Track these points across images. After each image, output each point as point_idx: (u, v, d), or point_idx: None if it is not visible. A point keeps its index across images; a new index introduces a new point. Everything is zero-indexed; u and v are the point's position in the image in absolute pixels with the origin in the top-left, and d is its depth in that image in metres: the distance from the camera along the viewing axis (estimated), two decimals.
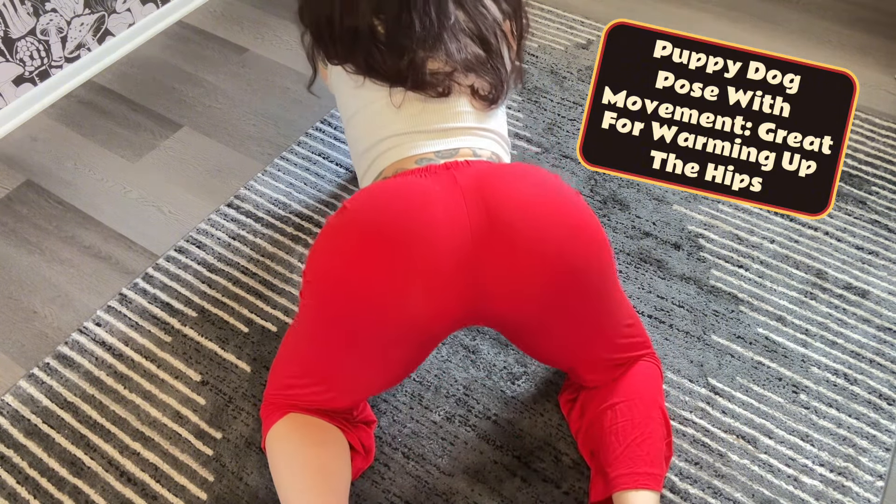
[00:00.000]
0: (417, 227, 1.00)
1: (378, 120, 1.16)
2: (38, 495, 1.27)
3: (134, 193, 1.76)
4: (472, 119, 1.17)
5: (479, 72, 1.17)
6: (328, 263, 1.04)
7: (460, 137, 1.15)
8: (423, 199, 1.02)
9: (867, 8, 2.23)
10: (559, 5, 2.25)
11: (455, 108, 1.16)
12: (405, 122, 1.14)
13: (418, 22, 1.11)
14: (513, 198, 1.03)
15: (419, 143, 1.13)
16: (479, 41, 1.17)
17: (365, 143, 1.19)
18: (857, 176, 1.76)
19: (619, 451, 1.12)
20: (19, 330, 1.51)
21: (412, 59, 1.12)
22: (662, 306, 1.51)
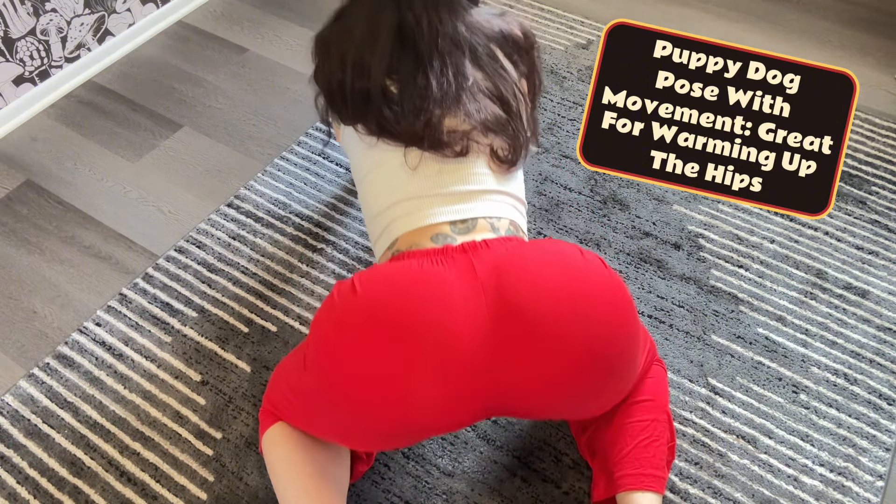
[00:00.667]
0: (435, 326, 0.92)
1: (392, 181, 1.10)
2: (38, 495, 1.27)
3: (134, 193, 1.76)
4: (490, 181, 1.10)
5: (498, 133, 1.11)
6: (336, 352, 0.96)
7: (477, 203, 1.08)
8: (441, 295, 0.94)
9: (867, 8, 2.23)
10: (559, 5, 2.25)
11: (473, 168, 1.10)
12: (420, 183, 1.08)
13: (435, 83, 1.07)
14: (535, 291, 0.95)
15: (435, 210, 1.06)
16: (499, 102, 1.12)
17: (378, 206, 1.12)
18: (857, 176, 1.76)
19: (626, 451, 1.12)
20: (19, 330, 1.51)
21: (429, 120, 1.07)
22: (662, 306, 1.51)
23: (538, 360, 0.93)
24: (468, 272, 0.96)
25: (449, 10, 1.11)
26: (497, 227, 1.06)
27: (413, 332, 0.92)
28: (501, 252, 0.99)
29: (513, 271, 0.96)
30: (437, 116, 1.07)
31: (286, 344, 1.46)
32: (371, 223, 1.16)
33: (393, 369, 0.93)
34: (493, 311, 0.94)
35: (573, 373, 0.95)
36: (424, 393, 0.93)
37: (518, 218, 1.13)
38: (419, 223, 1.06)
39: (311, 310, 1.51)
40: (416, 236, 1.05)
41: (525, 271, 0.96)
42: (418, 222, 1.06)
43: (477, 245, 1.00)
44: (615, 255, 1.60)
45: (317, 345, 0.99)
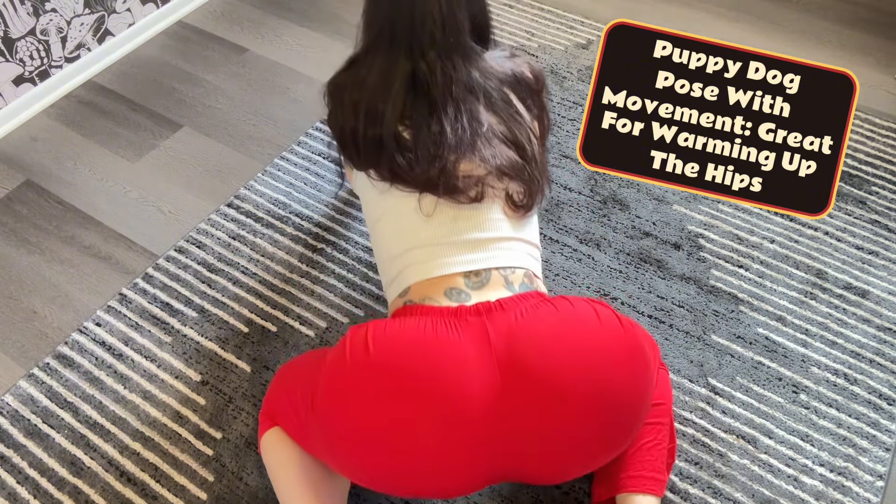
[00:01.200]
0: (446, 393, 0.92)
1: (405, 227, 1.09)
2: (38, 495, 1.27)
3: (134, 193, 1.76)
4: (505, 228, 1.09)
5: (513, 177, 1.09)
6: (344, 409, 0.95)
7: (492, 252, 1.06)
8: (453, 362, 0.93)
9: (867, 8, 2.23)
10: (559, 5, 2.25)
11: (488, 214, 1.08)
12: (435, 230, 1.07)
13: (450, 130, 1.06)
14: (546, 359, 0.93)
15: (449, 260, 1.04)
16: (514, 146, 1.10)
17: (391, 252, 1.11)
18: (857, 176, 1.76)
19: (628, 453, 1.12)
20: (19, 330, 1.51)
21: (444, 166, 1.05)
22: (662, 306, 1.51)
23: (548, 422, 0.93)
24: (481, 338, 0.95)
25: (462, 57, 1.10)
26: (511, 281, 1.05)
27: (423, 397, 0.92)
28: (515, 316, 0.97)
29: (524, 335, 0.95)
30: (452, 162, 1.06)
31: (286, 344, 1.46)
32: (384, 268, 1.14)
33: (401, 434, 0.92)
34: (505, 379, 0.93)
35: (583, 435, 0.94)
36: (431, 458, 0.92)
37: (533, 265, 1.11)
38: (433, 273, 1.04)
39: (311, 309, 1.51)
40: (430, 288, 1.04)
41: (537, 335, 0.95)
42: (432, 272, 1.05)
43: (491, 307, 0.98)
44: (615, 255, 1.60)
45: (326, 397, 0.97)
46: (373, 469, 0.95)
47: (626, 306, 1.51)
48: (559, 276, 1.56)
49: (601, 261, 1.59)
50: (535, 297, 1.03)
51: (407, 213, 1.09)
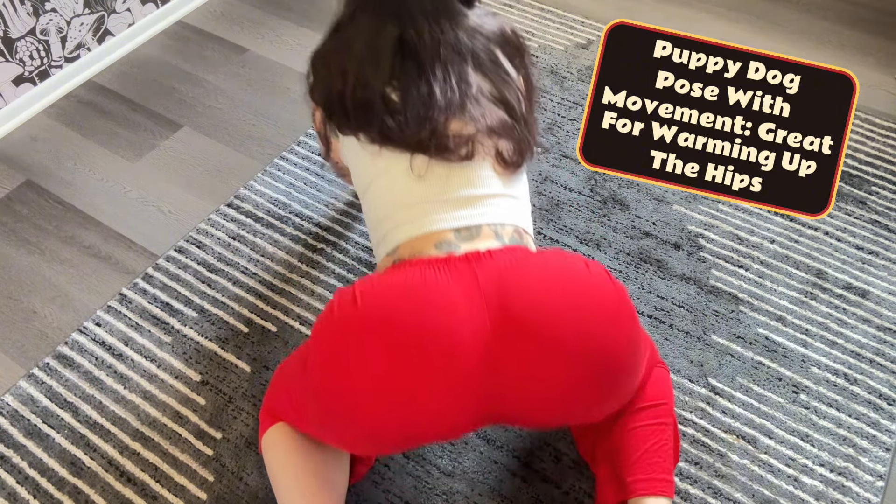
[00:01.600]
0: (436, 336, 0.92)
1: (398, 187, 1.09)
2: (38, 495, 1.27)
3: (134, 193, 1.76)
4: (495, 185, 1.09)
5: (503, 136, 1.10)
6: (336, 363, 0.95)
7: (482, 208, 1.06)
8: (443, 305, 0.93)
9: (867, 8, 2.23)
10: (559, 5, 2.25)
11: (479, 172, 1.08)
12: (426, 189, 1.07)
13: (439, 92, 1.06)
14: (537, 304, 0.94)
15: (438, 217, 1.05)
16: (503, 106, 1.12)
17: (381, 212, 1.11)
18: (857, 176, 1.76)
19: (636, 456, 1.11)
20: (19, 330, 1.51)
21: (434, 128, 1.05)
22: (662, 306, 1.51)
23: (538, 372, 0.93)
24: (471, 282, 0.95)
25: (449, 19, 1.10)
26: (501, 234, 1.05)
27: (414, 343, 0.92)
28: (505, 263, 0.98)
29: (515, 283, 0.95)
30: (442, 123, 1.06)
31: (286, 344, 1.46)
32: (374, 230, 1.14)
33: (394, 381, 0.92)
34: (495, 322, 0.93)
35: (573, 384, 0.95)
36: (425, 403, 0.93)
37: (523, 221, 1.12)
38: (422, 230, 1.04)
39: (311, 309, 1.51)
40: (419, 244, 1.04)
41: (527, 283, 0.96)
42: (421, 229, 1.05)
43: (480, 255, 0.98)
44: (615, 255, 1.60)
45: (317, 355, 0.98)
46: (366, 423, 0.95)
47: None
48: None
49: (601, 261, 1.59)
50: (525, 249, 1.03)
51: (399, 173, 1.09)
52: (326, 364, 0.96)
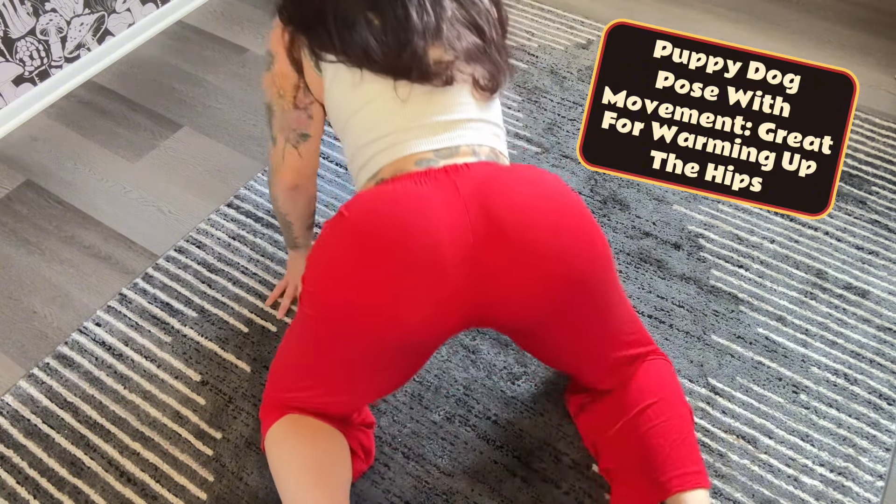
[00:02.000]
0: (420, 238, 0.98)
1: (381, 114, 1.12)
2: (38, 495, 1.27)
3: (134, 193, 1.76)
4: (472, 110, 1.14)
5: (478, 61, 1.14)
6: (329, 274, 1.02)
7: (460, 132, 1.12)
8: (425, 210, 1.00)
9: (867, 8, 2.23)
10: (559, 5, 2.25)
11: (457, 98, 1.13)
12: (408, 115, 1.11)
13: (415, 14, 1.09)
14: (514, 206, 1.01)
15: (419, 140, 1.09)
16: (475, 30, 1.15)
17: (364, 139, 1.13)
18: (857, 176, 1.76)
19: (664, 453, 1.11)
20: (19, 330, 1.51)
21: (414, 51, 1.09)
22: (662, 306, 1.51)
23: (517, 271, 1.00)
24: (451, 190, 1.02)
25: None
26: (478, 153, 1.10)
27: (402, 245, 0.98)
28: (482, 173, 1.05)
29: (493, 189, 1.02)
30: (422, 48, 1.09)
31: None
32: (355, 157, 1.17)
33: (386, 281, 0.98)
34: (476, 226, 1.00)
35: (549, 282, 1.02)
36: (416, 300, 0.99)
37: (498, 144, 1.17)
38: (403, 153, 1.09)
39: None
40: (400, 164, 1.08)
41: (505, 190, 1.03)
42: (403, 152, 1.09)
43: (458, 167, 1.05)
44: (615, 255, 1.60)
45: (314, 272, 1.04)
46: (362, 332, 1.01)
47: None
48: None
49: None
50: (500, 164, 1.11)
51: (382, 102, 1.12)
52: (324, 273, 1.02)
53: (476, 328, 1.46)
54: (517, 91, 1.97)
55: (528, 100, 1.95)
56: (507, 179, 1.05)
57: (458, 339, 1.45)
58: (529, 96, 1.96)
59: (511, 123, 1.89)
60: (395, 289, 0.99)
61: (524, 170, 1.09)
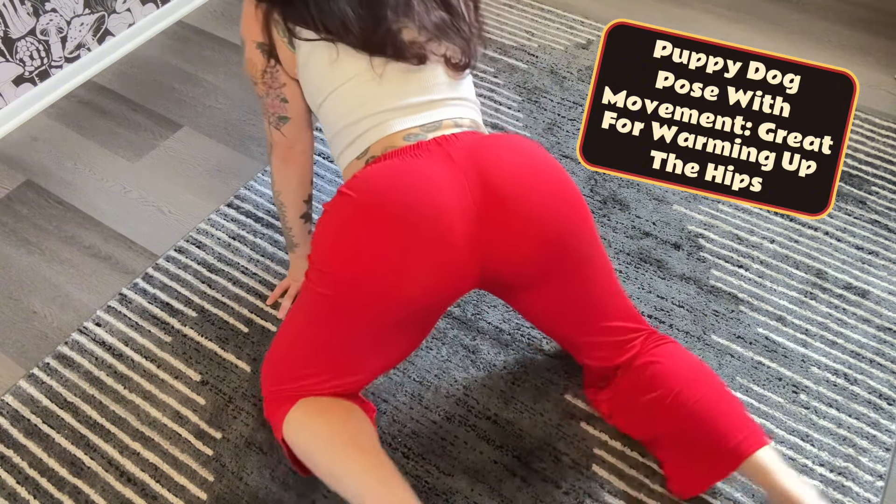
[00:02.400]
0: (427, 210, 1.04)
1: (361, 93, 1.15)
2: (38, 495, 1.27)
3: (134, 193, 1.76)
4: (447, 89, 1.18)
5: (447, 37, 1.16)
6: (341, 251, 1.06)
7: (440, 109, 1.16)
8: (426, 181, 1.05)
9: (867, 8, 2.23)
10: (559, 5, 2.25)
11: (434, 80, 1.17)
12: (388, 94, 1.14)
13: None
14: (506, 169, 1.08)
15: (404, 119, 1.13)
16: (442, 4, 1.17)
17: (347, 119, 1.16)
18: (857, 176, 1.76)
19: (723, 420, 1.13)
20: (19, 330, 1.51)
21: (388, 28, 1.11)
22: (662, 306, 1.51)
23: (516, 231, 1.07)
24: (445, 159, 1.07)
25: None
26: (461, 124, 1.16)
27: (411, 218, 1.03)
28: (471, 141, 1.11)
29: (485, 156, 1.09)
30: (397, 27, 1.11)
31: None
32: (338, 136, 1.19)
33: (400, 254, 1.04)
34: (475, 192, 1.06)
35: (544, 239, 1.09)
36: (430, 268, 1.05)
37: (476, 116, 1.22)
38: (390, 130, 1.13)
39: None
40: (389, 140, 1.12)
41: (495, 153, 1.10)
42: (389, 130, 1.13)
43: (447, 137, 1.11)
44: (615, 255, 1.60)
45: (325, 251, 1.08)
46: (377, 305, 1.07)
47: None
48: None
49: None
50: (483, 133, 1.18)
51: (361, 79, 1.14)
52: (332, 250, 1.07)
53: (476, 329, 1.46)
54: (517, 91, 1.98)
55: (528, 100, 1.95)
56: (495, 146, 1.11)
57: (458, 338, 1.45)
58: (529, 96, 1.96)
59: (511, 123, 1.89)
60: (408, 260, 1.04)
61: (509, 138, 1.16)
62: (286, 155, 1.30)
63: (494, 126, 1.88)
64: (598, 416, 1.34)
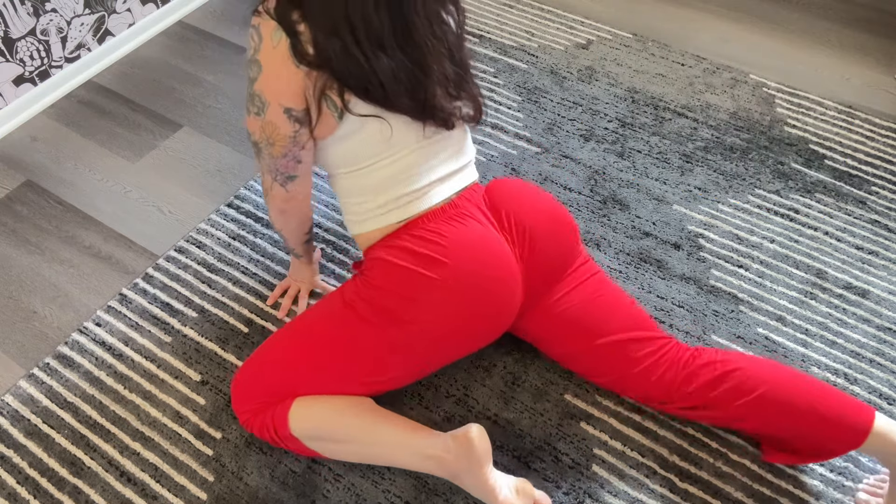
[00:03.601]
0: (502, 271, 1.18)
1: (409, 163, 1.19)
2: (38, 495, 1.27)
3: (134, 193, 1.76)
4: (469, 150, 1.28)
5: (461, 93, 1.18)
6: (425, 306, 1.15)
7: (467, 171, 1.27)
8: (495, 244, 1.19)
9: (867, 8, 2.23)
10: (559, 5, 2.25)
11: (458, 142, 1.25)
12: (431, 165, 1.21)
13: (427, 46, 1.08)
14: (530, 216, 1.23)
15: (442, 188, 1.22)
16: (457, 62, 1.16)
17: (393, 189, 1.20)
18: (857, 176, 1.76)
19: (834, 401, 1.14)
20: (19, 330, 1.51)
21: (428, 92, 1.12)
22: (662, 306, 1.51)
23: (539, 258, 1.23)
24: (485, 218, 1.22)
25: None
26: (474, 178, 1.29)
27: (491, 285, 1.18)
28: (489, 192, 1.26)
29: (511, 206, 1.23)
30: (431, 92, 1.12)
31: None
32: (369, 202, 1.21)
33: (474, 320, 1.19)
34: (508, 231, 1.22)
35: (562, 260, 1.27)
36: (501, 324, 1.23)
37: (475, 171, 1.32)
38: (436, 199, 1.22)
39: None
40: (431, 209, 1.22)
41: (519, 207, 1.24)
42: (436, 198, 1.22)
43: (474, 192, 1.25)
44: (615, 255, 1.60)
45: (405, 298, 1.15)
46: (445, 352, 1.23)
47: None
48: None
49: (601, 261, 1.59)
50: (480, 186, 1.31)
51: (409, 147, 1.18)
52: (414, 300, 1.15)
53: None
54: (517, 91, 1.97)
55: (528, 100, 1.95)
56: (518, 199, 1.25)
57: None
58: (529, 96, 1.96)
59: (511, 123, 1.89)
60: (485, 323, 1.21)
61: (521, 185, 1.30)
62: (284, 207, 1.26)
63: (494, 126, 1.88)
64: (597, 416, 1.34)
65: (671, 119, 1.89)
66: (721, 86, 1.98)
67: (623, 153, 1.81)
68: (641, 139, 1.84)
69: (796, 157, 1.80)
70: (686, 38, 2.14)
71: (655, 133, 1.86)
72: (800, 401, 1.15)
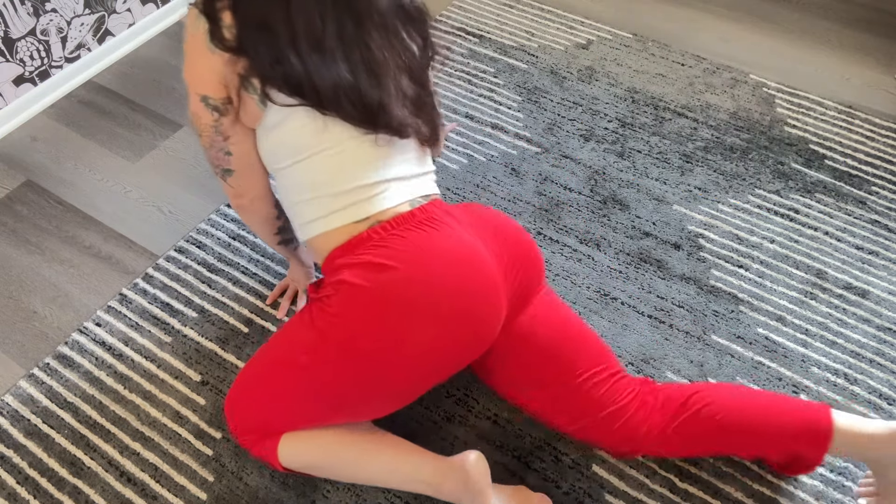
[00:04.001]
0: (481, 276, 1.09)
1: (352, 161, 1.10)
2: (38, 495, 1.27)
3: (134, 193, 1.76)
4: (427, 162, 1.22)
5: (418, 112, 1.15)
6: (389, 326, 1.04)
7: (425, 180, 1.19)
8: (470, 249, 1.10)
9: (867, 8, 2.23)
10: (559, 5, 2.25)
11: (414, 151, 1.18)
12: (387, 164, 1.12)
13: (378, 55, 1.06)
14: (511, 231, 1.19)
15: (402, 189, 1.14)
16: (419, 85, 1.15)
17: (340, 183, 1.10)
18: (857, 176, 1.76)
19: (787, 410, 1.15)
20: (19, 330, 1.51)
21: (381, 102, 1.07)
22: (662, 306, 1.51)
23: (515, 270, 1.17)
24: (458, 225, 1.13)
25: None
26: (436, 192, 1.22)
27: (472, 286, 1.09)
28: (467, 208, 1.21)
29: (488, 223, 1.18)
30: (387, 102, 1.08)
31: None
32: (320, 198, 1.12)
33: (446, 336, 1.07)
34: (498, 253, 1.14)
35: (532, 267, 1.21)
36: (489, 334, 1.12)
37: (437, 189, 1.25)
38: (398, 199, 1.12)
39: None
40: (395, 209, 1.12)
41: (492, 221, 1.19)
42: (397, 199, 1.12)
43: (445, 206, 1.17)
44: (615, 255, 1.60)
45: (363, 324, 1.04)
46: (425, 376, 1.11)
47: (626, 306, 1.51)
48: (559, 276, 1.56)
49: (601, 261, 1.59)
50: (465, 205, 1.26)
51: (354, 141, 1.10)
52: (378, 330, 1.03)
53: None
54: (517, 91, 1.98)
55: (528, 100, 1.95)
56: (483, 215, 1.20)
57: None
58: (529, 96, 1.96)
59: (511, 123, 1.89)
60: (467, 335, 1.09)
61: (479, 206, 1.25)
62: (238, 204, 1.23)
63: (494, 126, 1.88)
64: None
65: (671, 119, 1.89)
66: (721, 86, 1.98)
67: (623, 153, 1.81)
68: (641, 139, 1.84)
69: (796, 157, 1.80)
70: (686, 38, 2.14)
71: (655, 133, 1.86)
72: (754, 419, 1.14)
